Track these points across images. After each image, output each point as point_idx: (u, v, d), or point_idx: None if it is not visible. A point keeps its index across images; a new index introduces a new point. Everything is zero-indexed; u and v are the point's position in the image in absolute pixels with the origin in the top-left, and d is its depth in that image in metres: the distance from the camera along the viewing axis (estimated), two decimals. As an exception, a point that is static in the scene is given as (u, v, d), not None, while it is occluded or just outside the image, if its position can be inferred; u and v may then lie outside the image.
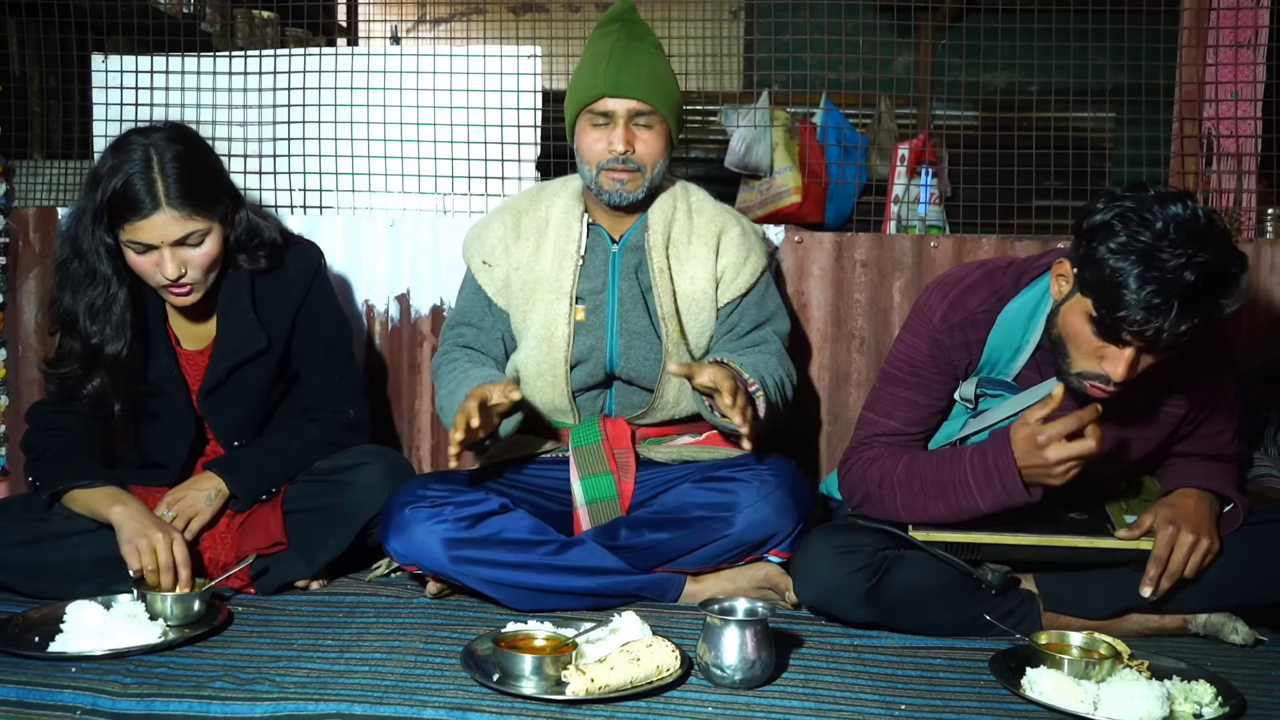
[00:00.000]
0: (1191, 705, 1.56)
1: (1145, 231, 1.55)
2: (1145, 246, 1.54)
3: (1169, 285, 1.52)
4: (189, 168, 1.93)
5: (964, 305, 1.84)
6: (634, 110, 2.00)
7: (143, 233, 1.90)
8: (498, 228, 2.14)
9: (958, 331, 1.84)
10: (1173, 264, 1.52)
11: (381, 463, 2.06)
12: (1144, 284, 1.53)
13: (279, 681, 1.60)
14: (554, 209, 2.13)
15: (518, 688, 1.56)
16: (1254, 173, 2.60)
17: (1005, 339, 1.82)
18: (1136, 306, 1.54)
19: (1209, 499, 1.82)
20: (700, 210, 2.14)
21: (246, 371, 2.07)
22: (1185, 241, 1.53)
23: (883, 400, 1.93)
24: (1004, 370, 1.85)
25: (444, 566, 1.90)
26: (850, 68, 2.77)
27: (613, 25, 2.06)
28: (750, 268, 2.10)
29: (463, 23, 4.99)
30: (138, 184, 1.88)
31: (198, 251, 1.95)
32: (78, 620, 1.74)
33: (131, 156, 1.90)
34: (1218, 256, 1.54)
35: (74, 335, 1.99)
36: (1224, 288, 1.56)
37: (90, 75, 2.71)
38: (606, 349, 2.07)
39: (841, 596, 1.84)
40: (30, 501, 2.01)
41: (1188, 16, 2.65)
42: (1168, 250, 1.53)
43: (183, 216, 1.91)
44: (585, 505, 2.03)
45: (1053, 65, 2.63)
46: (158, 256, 1.93)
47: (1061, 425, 1.65)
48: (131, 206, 1.89)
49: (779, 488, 1.94)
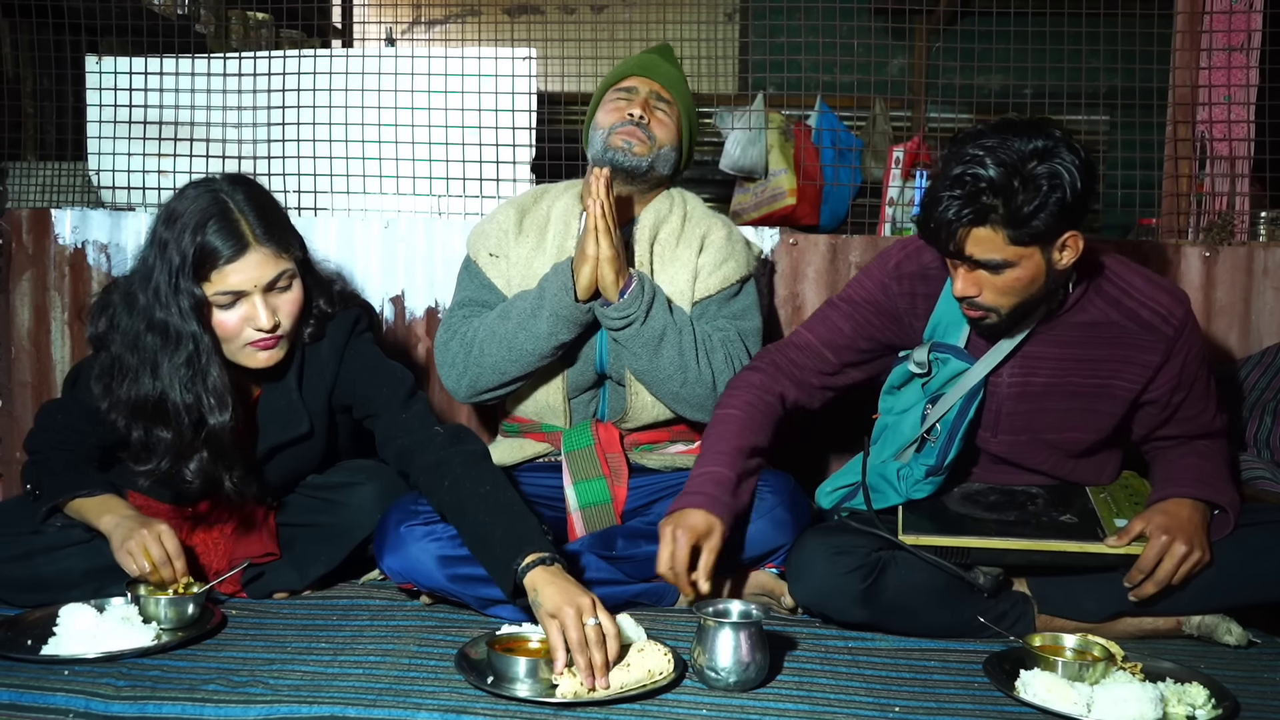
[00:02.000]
0: (1185, 707, 1.56)
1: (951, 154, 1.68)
2: (944, 160, 1.69)
3: (943, 186, 1.65)
4: (262, 204, 1.84)
5: (919, 258, 1.90)
6: (656, 92, 2.11)
7: (234, 277, 1.77)
8: (502, 221, 2.16)
9: (907, 280, 1.89)
10: (955, 170, 1.65)
11: (375, 482, 2.03)
12: (934, 192, 1.67)
13: (272, 684, 1.59)
14: (555, 209, 2.14)
15: (512, 690, 1.55)
16: (1247, 176, 2.61)
17: (954, 301, 1.84)
18: (928, 212, 1.67)
19: (1202, 507, 1.82)
20: (692, 216, 2.15)
21: (290, 452, 1.99)
22: (970, 150, 1.65)
23: (814, 319, 2.00)
24: (954, 334, 1.87)
25: (442, 584, 1.88)
26: (845, 70, 2.77)
27: (651, 50, 2.24)
28: (726, 271, 2.09)
29: (457, 24, 4.99)
30: (223, 228, 1.76)
31: (286, 298, 1.84)
32: (71, 623, 1.73)
33: (204, 206, 1.78)
34: (998, 154, 1.62)
35: (164, 421, 1.81)
36: (1008, 182, 1.62)
37: (84, 76, 2.71)
38: (596, 348, 2.07)
39: (836, 597, 1.84)
40: (23, 511, 1.98)
41: (1181, 20, 2.66)
42: (954, 161, 1.65)
43: (273, 255, 1.80)
44: (579, 510, 2.03)
45: (1047, 68, 2.63)
46: (248, 307, 1.80)
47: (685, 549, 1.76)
48: (218, 252, 1.76)
49: (778, 505, 1.94)
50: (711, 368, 2.00)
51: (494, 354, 2.01)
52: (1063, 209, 1.63)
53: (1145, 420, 1.92)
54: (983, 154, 1.63)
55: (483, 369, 2.02)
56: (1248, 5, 2.59)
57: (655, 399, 2.06)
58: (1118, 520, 1.83)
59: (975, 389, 1.83)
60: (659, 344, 1.97)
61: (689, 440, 2.16)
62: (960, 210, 1.64)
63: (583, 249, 1.94)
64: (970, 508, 1.90)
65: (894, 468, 1.91)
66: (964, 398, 1.83)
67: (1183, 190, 2.66)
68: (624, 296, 1.94)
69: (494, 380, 2.03)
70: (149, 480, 1.90)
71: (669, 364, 1.97)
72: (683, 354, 1.98)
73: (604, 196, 1.92)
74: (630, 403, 2.07)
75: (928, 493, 1.89)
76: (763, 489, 1.96)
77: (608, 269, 1.93)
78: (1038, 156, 1.63)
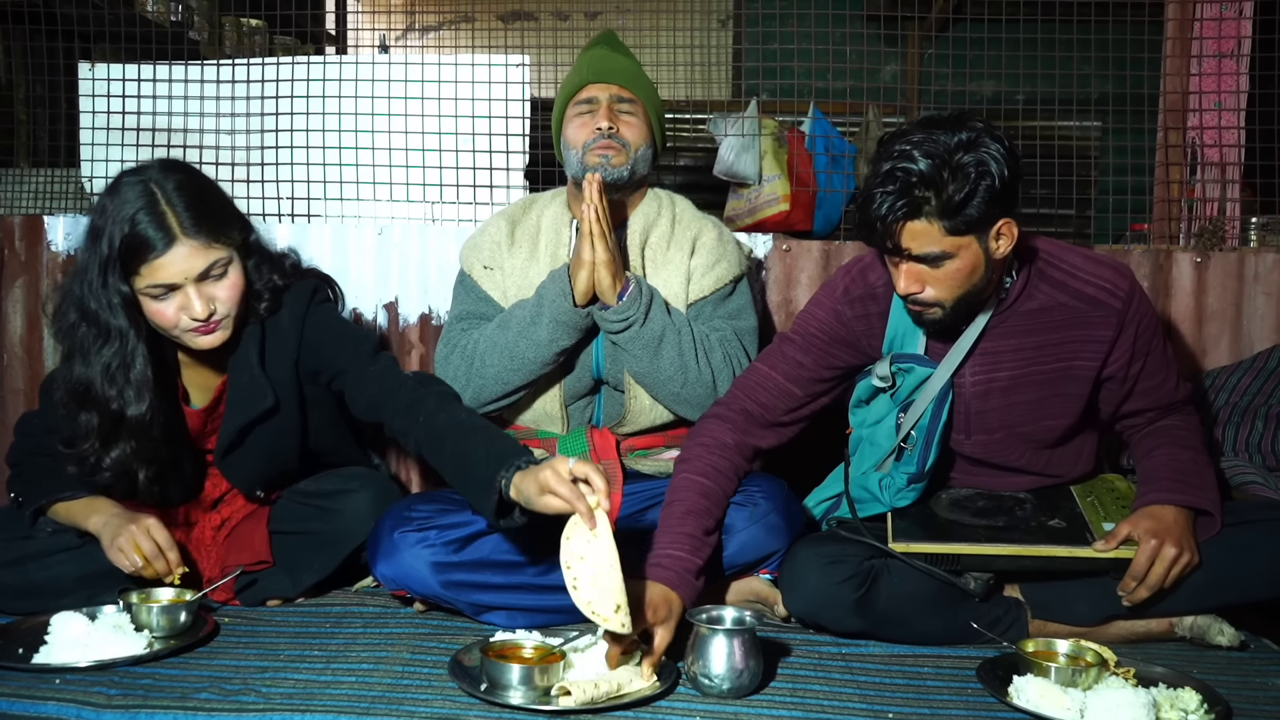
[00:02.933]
0: (1178, 712, 1.56)
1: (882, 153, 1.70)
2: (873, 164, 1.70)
3: (876, 182, 1.68)
4: (195, 194, 1.81)
5: (864, 279, 1.91)
6: (616, 95, 2.08)
7: (162, 272, 1.77)
8: (493, 233, 2.16)
9: (858, 304, 1.91)
10: (884, 166, 1.68)
11: (369, 489, 2.03)
12: (867, 190, 1.70)
13: (265, 693, 1.59)
14: (544, 218, 2.15)
15: (505, 698, 1.55)
16: (1237, 181, 2.63)
17: (904, 313, 1.87)
18: (863, 205, 1.71)
19: (1188, 511, 1.82)
20: (682, 219, 2.16)
21: (260, 431, 1.96)
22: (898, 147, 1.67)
23: (772, 354, 1.99)
24: (911, 343, 1.89)
25: (435, 591, 1.88)
26: (838, 77, 2.79)
27: (595, 43, 2.18)
28: (719, 272, 2.09)
29: (451, 31, 5.00)
30: (149, 221, 1.75)
31: (223, 284, 1.83)
32: (62, 631, 1.72)
33: (129, 196, 1.77)
34: (924, 146, 1.66)
35: (90, 406, 1.83)
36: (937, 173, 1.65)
37: (77, 83, 2.71)
38: (593, 354, 2.07)
39: (830, 607, 1.84)
40: (14, 518, 1.98)
41: (1172, 27, 2.67)
42: (884, 160, 1.68)
43: (202, 246, 1.78)
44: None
45: (1039, 74, 2.65)
46: (182, 298, 1.80)
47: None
48: (145, 246, 1.75)
49: (772, 511, 1.94)
50: (711, 367, 2.00)
51: (496, 364, 2.01)
52: (993, 196, 1.67)
53: (1110, 397, 1.92)
54: (910, 148, 1.67)
55: (485, 380, 2.02)
56: (1237, 12, 2.60)
57: (654, 402, 2.06)
58: (1105, 524, 1.83)
59: (944, 391, 1.85)
60: (659, 345, 1.97)
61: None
62: (894, 204, 1.67)
63: (579, 254, 1.94)
64: (959, 514, 1.90)
65: (875, 478, 1.92)
66: (934, 401, 1.85)
67: (1174, 196, 2.68)
68: (622, 299, 1.95)
69: (498, 391, 2.03)
70: (77, 466, 1.89)
71: (669, 364, 1.98)
72: (683, 354, 1.98)
73: (598, 201, 1.92)
74: (628, 407, 2.07)
75: (911, 500, 1.90)
76: (756, 494, 1.96)
77: (604, 273, 1.93)
78: (964, 148, 1.66)
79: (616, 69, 2.10)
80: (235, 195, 2.63)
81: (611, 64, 2.11)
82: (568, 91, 2.12)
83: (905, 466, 1.88)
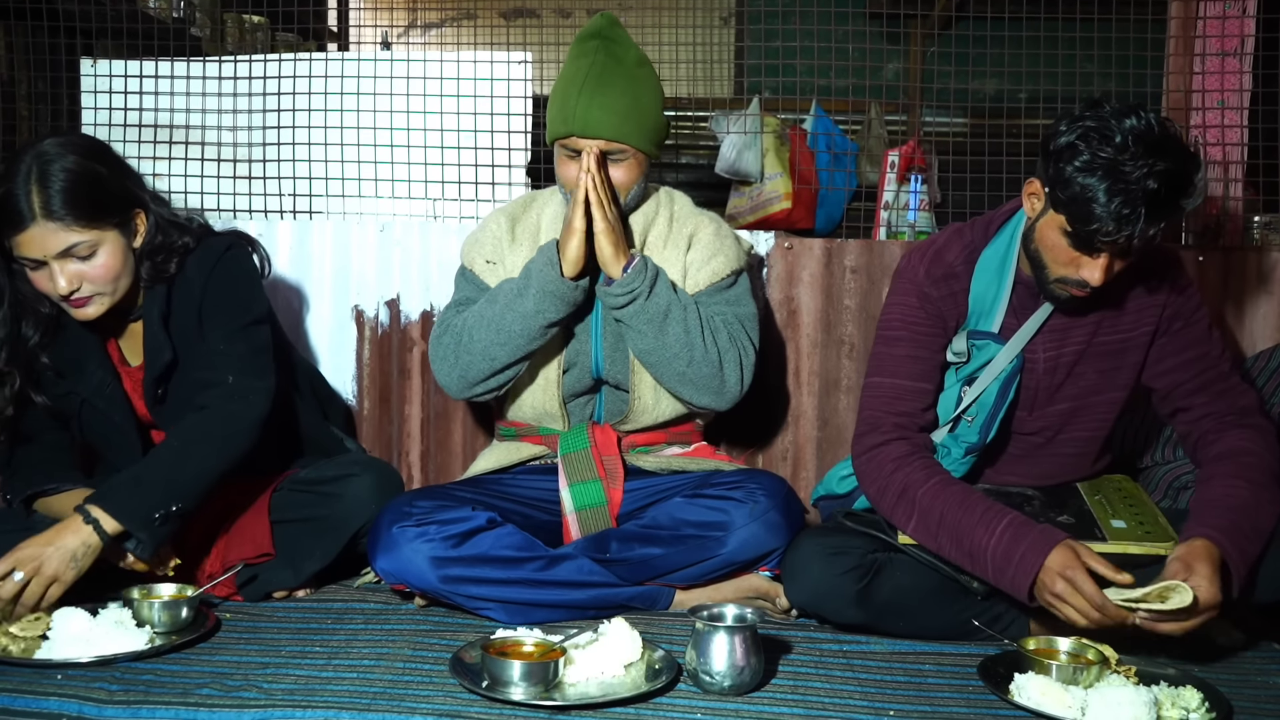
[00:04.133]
0: (1179, 711, 1.56)
1: (1107, 147, 1.64)
2: (1109, 161, 1.64)
3: (1134, 195, 1.62)
4: (76, 177, 1.83)
5: (942, 260, 1.92)
6: (603, 149, 1.95)
7: (23, 247, 1.83)
8: (494, 229, 2.14)
9: (941, 283, 1.91)
10: (1135, 175, 1.62)
11: (370, 474, 2.04)
12: (1112, 196, 1.63)
13: (266, 688, 1.59)
14: (544, 216, 2.14)
15: (506, 694, 1.55)
16: (1240, 180, 2.62)
17: (985, 287, 1.90)
18: (1107, 219, 1.64)
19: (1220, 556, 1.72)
20: (679, 216, 2.14)
21: (176, 384, 1.99)
22: (1145, 152, 1.63)
23: (885, 361, 1.94)
24: (988, 321, 1.90)
25: (433, 585, 1.88)
26: (840, 75, 2.78)
27: (590, 43, 1.98)
28: (715, 265, 2.07)
29: (453, 28, 5.00)
30: (17, 195, 1.80)
31: (91, 264, 1.86)
32: (64, 627, 1.72)
33: (18, 168, 1.82)
34: (1175, 162, 1.64)
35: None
36: (1183, 189, 1.66)
37: (79, 79, 2.71)
38: (592, 354, 2.07)
39: (832, 598, 1.85)
40: (7, 516, 1.99)
41: (1175, 25, 2.67)
42: (1129, 163, 1.63)
43: (61, 228, 1.82)
44: (574, 512, 2.03)
45: (1041, 73, 2.64)
46: (49, 272, 1.85)
47: (1090, 584, 1.64)
48: (10, 219, 1.81)
49: (772, 508, 1.93)
50: (717, 346, 1.99)
51: (482, 338, 1.99)
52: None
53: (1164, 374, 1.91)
54: (1169, 166, 1.64)
55: (472, 355, 2.00)
56: (1241, 10, 2.59)
57: (657, 400, 2.06)
58: (1114, 522, 1.83)
59: (1015, 367, 1.87)
60: (664, 320, 1.95)
61: (685, 443, 2.16)
62: (1153, 220, 1.66)
63: (569, 223, 1.92)
64: None
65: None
66: (1004, 376, 1.87)
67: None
68: (627, 272, 1.94)
69: (484, 368, 2.00)
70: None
71: (675, 341, 1.96)
72: (688, 331, 1.96)
73: (595, 169, 1.91)
74: (632, 406, 2.07)
75: (963, 472, 1.91)
76: (756, 491, 1.95)
77: (605, 241, 1.92)
78: (1197, 166, 1.70)
79: (604, 117, 1.93)
80: (237, 192, 2.66)
81: (600, 106, 1.93)
82: (555, 130, 1.99)
83: (966, 436, 1.89)
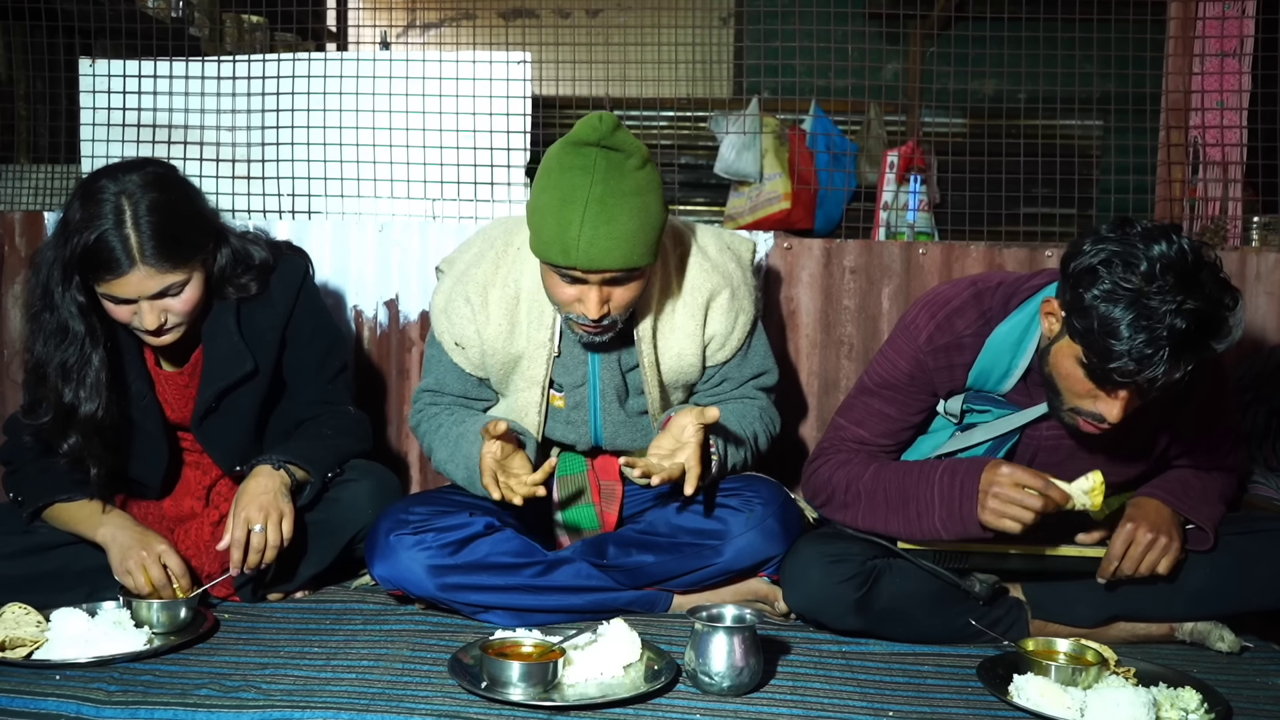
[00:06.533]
0: (1178, 712, 1.56)
1: (1132, 276, 1.48)
2: (1133, 293, 1.48)
3: (1159, 334, 1.46)
4: (165, 218, 1.80)
5: (951, 328, 1.80)
6: (610, 276, 1.78)
7: (118, 289, 1.81)
8: (463, 308, 1.96)
9: (942, 354, 1.81)
10: (1162, 310, 1.47)
11: (367, 480, 2.04)
12: (1135, 333, 1.47)
13: (265, 689, 1.59)
14: (522, 283, 1.95)
15: (505, 695, 1.55)
16: (1239, 181, 2.62)
17: (994, 362, 1.78)
18: (1128, 357, 1.48)
19: (1172, 508, 1.81)
20: (685, 270, 1.97)
21: (237, 396, 1.99)
22: (1174, 286, 1.47)
23: (855, 409, 1.93)
24: (1000, 385, 1.82)
25: (431, 593, 1.88)
26: (840, 75, 2.78)
27: (589, 153, 1.73)
28: (739, 332, 2.00)
29: (452, 28, 4.99)
30: (111, 241, 1.77)
31: (178, 300, 1.86)
32: (62, 627, 1.72)
33: (103, 209, 1.78)
34: (1207, 299, 1.49)
35: (46, 389, 1.89)
36: (1215, 329, 1.50)
37: (78, 79, 2.70)
38: (590, 432, 2.03)
39: (831, 605, 1.84)
40: (13, 513, 1.99)
41: (1174, 26, 2.67)
42: (1156, 297, 1.47)
43: (160, 272, 1.81)
44: (565, 530, 2.04)
45: (1041, 73, 2.64)
46: (136, 308, 1.84)
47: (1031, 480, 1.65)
48: (105, 265, 1.78)
49: (769, 516, 1.92)
50: (757, 443, 2.03)
51: (440, 459, 2.00)
52: None
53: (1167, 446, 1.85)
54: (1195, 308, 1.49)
55: (437, 462, 2.02)
56: (1240, 11, 2.60)
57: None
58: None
59: (1009, 435, 1.81)
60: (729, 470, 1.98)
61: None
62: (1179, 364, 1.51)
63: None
64: None
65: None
66: (996, 440, 1.82)
67: (1176, 195, 2.67)
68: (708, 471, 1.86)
69: (449, 474, 2.00)
70: (33, 437, 1.94)
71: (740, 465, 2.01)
72: (745, 459, 2.01)
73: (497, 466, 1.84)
74: (637, 451, 2.03)
75: None
76: (753, 499, 1.94)
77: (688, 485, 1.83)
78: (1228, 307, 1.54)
79: (610, 247, 1.72)
80: (235, 192, 2.65)
81: (606, 236, 1.72)
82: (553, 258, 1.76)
83: None
